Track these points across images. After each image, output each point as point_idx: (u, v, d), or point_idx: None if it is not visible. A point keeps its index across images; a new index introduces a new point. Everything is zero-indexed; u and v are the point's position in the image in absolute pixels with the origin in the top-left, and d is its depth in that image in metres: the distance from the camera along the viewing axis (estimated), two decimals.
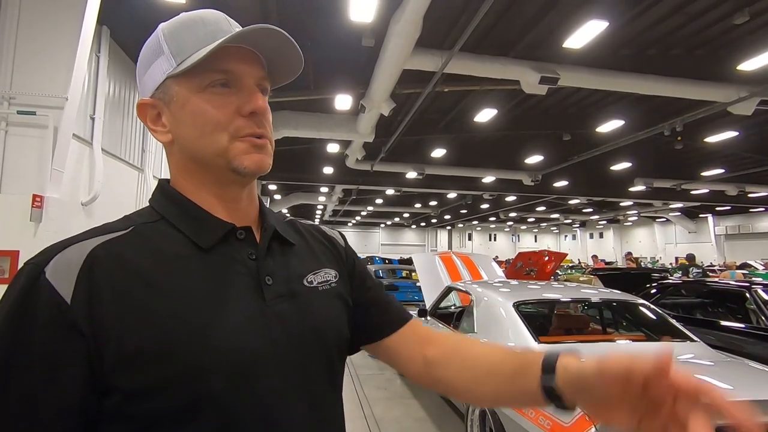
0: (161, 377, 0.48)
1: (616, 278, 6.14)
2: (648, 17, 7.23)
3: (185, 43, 0.56)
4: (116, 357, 0.47)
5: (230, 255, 0.57)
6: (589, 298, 3.38)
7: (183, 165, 0.60)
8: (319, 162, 14.34)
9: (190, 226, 0.57)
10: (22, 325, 0.46)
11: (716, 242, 26.77)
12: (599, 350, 2.15)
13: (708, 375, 2.29)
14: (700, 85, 8.11)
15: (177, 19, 0.59)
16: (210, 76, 0.55)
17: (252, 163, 0.57)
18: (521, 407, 2.08)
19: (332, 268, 0.68)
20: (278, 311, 0.57)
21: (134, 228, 0.55)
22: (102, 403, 0.48)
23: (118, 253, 0.52)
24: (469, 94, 10.07)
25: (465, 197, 21.27)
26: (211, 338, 0.51)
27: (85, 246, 0.51)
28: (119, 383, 0.47)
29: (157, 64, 0.57)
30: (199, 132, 0.56)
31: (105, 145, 7.41)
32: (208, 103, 0.55)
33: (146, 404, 0.48)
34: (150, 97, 0.59)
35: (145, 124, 0.60)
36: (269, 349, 0.54)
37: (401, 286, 8.15)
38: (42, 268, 0.48)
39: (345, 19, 6.47)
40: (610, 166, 15.16)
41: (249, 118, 0.57)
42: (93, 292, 0.48)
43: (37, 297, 0.47)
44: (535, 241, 42.16)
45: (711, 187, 16.79)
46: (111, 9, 6.42)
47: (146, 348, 0.48)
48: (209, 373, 0.50)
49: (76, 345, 0.47)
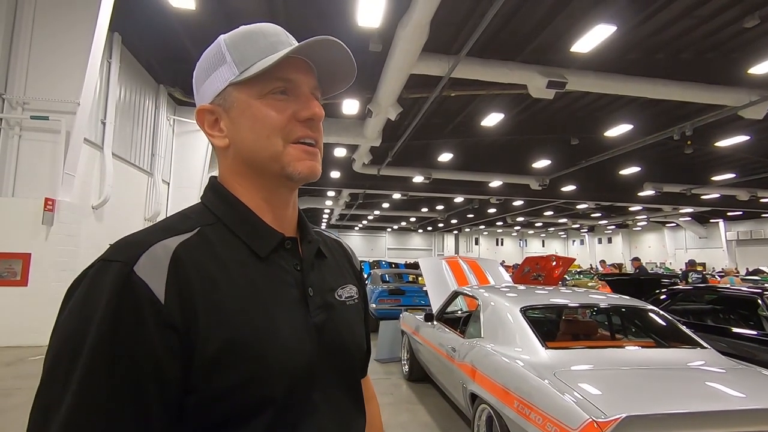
0: (240, 378, 0.50)
1: (625, 284, 6.07)
2: (656, 21, 7.19)
3: (248, 53, 0.59)
4: (202, 357, 0.48)
5: (281, 264, 0.60)
6: (598, 303, 3.35)
7: (236, 169, 0.62)
8: (326, 166, 14.39)
9: (248, 234, 0.59)
10: (124, 323, 0.46)
11: (728, 248, 26.36)
12: (608, 357, 2.13)
13: (719, 383, 2.26)
14: (710, 88, 8.04)
15: (238, 31, 0.62)
16: (271, 83, 0.58)
17: (305, 168, 0.59)
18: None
19: (354, 285, 0.71)
20: (318, 322, 0.60)
21: (200, 230, 0.56)
22: (184, 402, 0.49)
23: (193, 254, 0.53)
24: (476, 99, 10.07)
25: (472, 201, 21.21)
26: (274, 345, 0.53)
27: (168, 245, 0.52)
28: (202, 382, 0.49)
29: (219, 72, 0.60)
30: (257, 136, 0.58)
31: (115, 149, 7.51)
32: (268, 107, 0.58)
33: (219, 404, 0.49)
34: (209, 103, 0.61)
35: (203, 129, 0.62)
36: (315, 358, 0.57)
37: (408, 290, 8.12)
38: (131, 266, 0.48)
39: (352, 24, 6.51)
40: (619, 171, 15.04)
41: (304, 124, 0.60)
42: (182, 291, 0.49)
43: (134, 294, 0.47)
44: (542, 245, 41.86)
45: (722, 192, 16.58)
46: (123, 16, 6.53)
47: (228, 349, 0.50)
48: (274, 377, 0.52)
49: (173, 343, 0.47)
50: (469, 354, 3.08)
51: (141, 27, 7.44)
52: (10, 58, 6.08)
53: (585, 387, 2.08)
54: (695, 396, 2.09)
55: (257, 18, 7.47)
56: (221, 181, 0.63)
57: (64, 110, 6.09)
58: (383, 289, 8.05)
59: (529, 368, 2.41)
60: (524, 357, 2.57)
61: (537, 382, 2.25)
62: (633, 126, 10.45)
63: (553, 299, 3.50)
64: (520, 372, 2.44)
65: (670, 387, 2.21)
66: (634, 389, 2.14)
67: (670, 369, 2.44)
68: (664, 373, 2.37)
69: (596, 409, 1.84)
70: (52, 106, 6.09)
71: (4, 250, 5.72)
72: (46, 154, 6.11)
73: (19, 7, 6.14)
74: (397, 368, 5.41)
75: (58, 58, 6.20)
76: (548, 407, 2.06)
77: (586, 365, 2.45)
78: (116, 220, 7.51)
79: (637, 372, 2.36)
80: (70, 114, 6.05)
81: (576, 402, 1.94)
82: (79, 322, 0.46)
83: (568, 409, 1.94)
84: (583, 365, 2.45)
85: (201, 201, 0.62)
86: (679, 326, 3.04)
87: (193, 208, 0.61)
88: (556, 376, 2.24)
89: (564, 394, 2.04)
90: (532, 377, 2.31)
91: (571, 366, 2.40)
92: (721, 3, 6.70)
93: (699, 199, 17.79)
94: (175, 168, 10.08)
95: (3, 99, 6.01)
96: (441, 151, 13.43)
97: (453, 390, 3.42)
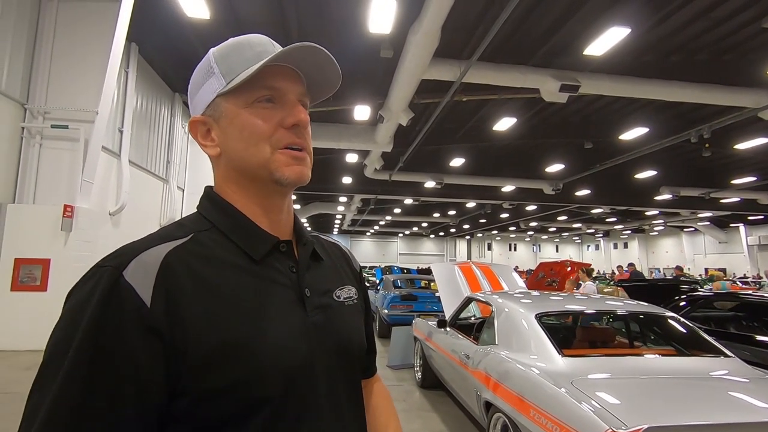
0: (230, 380, 0.51)
1: (643, 290, 5.94)
2: (672, 23, 7.08)
3: (234, 64, 0.61)
4: (192, 359, 0.49)
5: (276, 267, 0.61)
6: (615, 310, 3.28)
7: (229, 177, 0.63)
8: (338, 172, 14.48)
9: (242, 238, 0.60)
10: (108, 326, 0.47)
11: (749, 253, 25.62)
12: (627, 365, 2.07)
13: (744, 393, 2.18)
14: (728, 90, 7.88)
15: (226, 44, 0.64)
16: (257, 92, 0.60)
17: (293, 173, 0.61)
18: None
19: (352, 285, 0.73)
20: (315, 322, 0.61)
21: (194, 236, 0.58)
22: (172, 405, 0.50)
23: (185, 259, 0.54)
24: (488, 103, 10.03)
25: (484, 206, 21.07)
26: (269, 345, 0.54)
27: (159, 251, 0.53)
28: (192, 385, 0.50)
29: (208, 84, 0.62)
30: (245, 144, 0.60)
31: (132, 156, 7.66)
32: (254, 116, 0.60)
33: (213, 406, 0.50)
34: (201, 114, 0.63)
35: (196, 140, 0.64)
36: (311, 358, 0.58)
37: (420, 296, 8.07)
38: (120, 271, 0.50)
39: (364, 31, 6.56)
40: (635, 175, 14.80)
41: (290, 130, 0.61)
42: (170, 296, 0.51)
43: (120, 299, 0.49)
44: (556, 251, 41.32)
45: (742, 196, 16.16)
46: (139, 27, 6.69)
47: (218, 351, 0.51)
48: (268, 377, 0.53)
49: (155, 347, 0.49)
50: (483, 361, 3.04)
51: (157, 37, 7.61)
52: (32, 70, 6.27)
53: (603, 396, 2.03)
54: (718, 406, 2.02)
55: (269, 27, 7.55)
56: (216, 189, 0.65)
57: (83, 119, 6.24)
58: (395, 294, 8.01)
59: (545, 376, 2.36)
60: (540, 364, 2.52)
61: (553, 391, 2.20)
62: (649, 129, 10.28)
63: (569, 306, 3.43)
64: (535, 380, 2.39)
65: (692, 397, 2.14)
66: (655, 399, 2.08)
67: (691, 378, 2.37)
68: (686, 383, 2.30)
69: (616, 419, 1.79)
70: (71, 115, 6.26)
71: (26, 256, 5.86)
72: (65, 162, 6.26)
73: (40, 22, 6.34)
74: (409, 375, 5.37)
75: (77, 69, 6.38)
76: (565, 416, 2.01)
77: (604, 373, 2.38)
78: (132, 226, 7.64)
79: (658, 381, 2.29)
80: (89, 123, 6.20)
81: (594, 411, 1.89)
82: (69, 325, 0.48)
83: (586, 418, 1.90)
84: (601, 373, 2.38)
85: (197, 209, 0.65)
86: (701, 334, 2.96)
87: (188, 217, 0.63)
88: (573, 384, 2.19)
89: (581, 403, 1.99)
90: (549, 385, 2.26)
91: (588, 374, 2.34)
92: (738, 4, 6.58)
93: (718, 203, 17.38)
94: (190, 174, 10.25)
95: (25, 109, 6.19)
96: (453, 156, 13.39)
97: (467, 398, 3.37)
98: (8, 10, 5.78)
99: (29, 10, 6.17)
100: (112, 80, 6.15)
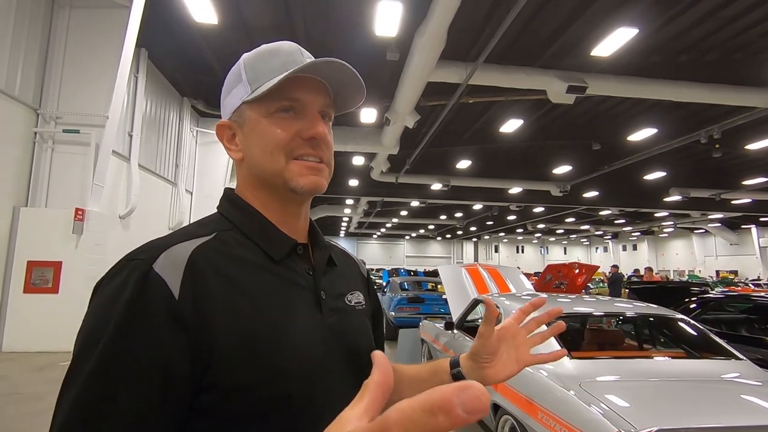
0: (254, 376, 0.52)
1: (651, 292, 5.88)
2: (680, 23, 7.03)
3: (260, 73, 0.62)
4: (218, 354, 0.50)
5: (294, 268, 0.62)
6: (624, 312, 3.25)
7: (250, 181, 0.66)
8: (344, 174, 14.52)
9: (263, 238, 0.62)
10: (139, 315, 0.49)
11: (761, 255, 25.23)
12: (636, 367, 2.05)
13: (756, 396, 2.15)
14: (738, 90, 7.79)
15: (257, 50, 0.65)
16: (278, 102, 0.61)
17: (307, 183, 0.62)
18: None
19: (361, 291, 0.74)
20: (331, 324, 0.62)
21: (217, 234, 0.59)
22: (196, 399, 0.50)
23: (210, 256, 0.56)
24: (495, 105, 10.01)
25: (491, 209, 20.98)
26: (291, 344, 0.56)
27: (186, 247, 0.55)
28: (219, 379, 0.50)
29: (236, 90, 0.64)
30: (263, 151, 0.62)
31: (141, 160, 7.75)
32: (273, 125, 0.61)
33: (236, 401, 0.51)
34: (228, 119, 0.65)
35: (222, 143, 0.66)
36: (327, 359, 0.59)
37: (427, 298, 8.06)
38: (151, 264, 0.51)
39: (370, 33, 6.59)
40: (643, 176, 14.66)
41: (307, 142, 0.62)
42: (196, 291, 0.52)
43: (152, 289, 0.50)
44: (564, 253, 40.99)
45: (754, 197, 15.93)
46: (149, 32, 6.77)
47: (243, 348, 0.52)
48: (289, 374, 0.54)
49: (181, 339, 0.49)
50: None
51: (166, 42, 7.71)
52: (44, 75, 6.38)
53: (612, 399, 2.01)
54: (730, 409, 2.00)
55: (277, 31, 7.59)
56: (238, 192, 0.67)
57: (94, 123, 6.33)
58: (402, 296, 8.00)
59: (553, 378, 2.35)
60: (548, 367, 2.51)
61: (562, 393, 2.19)
62: (657, 130, 10.19)
63: (577, 308, 3.41)
64: (544, 382, 2.38)
65: (702, 400, 2.12)
66: (665, 402, 2.06)
67: (702, 381, 2.34)
68: (697, 385, 2.27)
69: (625, 421, 1.78)
70: (82, 119, 6.35)
71: (38, 259, 5.95)
72: (76, 166, 6.36)
73: (53, 28, 6.45)
74: None
75: (88, 74, 6.48)
76: (574, 419, 2.00)
77: (613, 376, 2.37)
78: (142, 229, 7.72)
79: (668, 384, 2.27)
80: (100, 127, 6.29)
81: (603, 414, 1.88)
82: (101, 316, 0.49)
83: (595, 421, 1.89)
84: (610, 376, 2.37)
85: (217, 210, 0.66)
86: (712, 336, 2.92)
87: (210, 217, 0.64)
88: (581, 386, 2.18)
89: (590, 406, 1.98)
90: (557, 388, 2.25)
91: (597, 377, 2.32)
92: (746, 4, 6.51)
93: (729, 205, 17.15)
94: (198, 178, 10.34)
95: (38, 114, 6.30)
96: (459, 158, 13.37)
97: None
98: (22, 18, 5.89)
99: (42, 17, 6.28)
100: (122, 85, 6.24)
